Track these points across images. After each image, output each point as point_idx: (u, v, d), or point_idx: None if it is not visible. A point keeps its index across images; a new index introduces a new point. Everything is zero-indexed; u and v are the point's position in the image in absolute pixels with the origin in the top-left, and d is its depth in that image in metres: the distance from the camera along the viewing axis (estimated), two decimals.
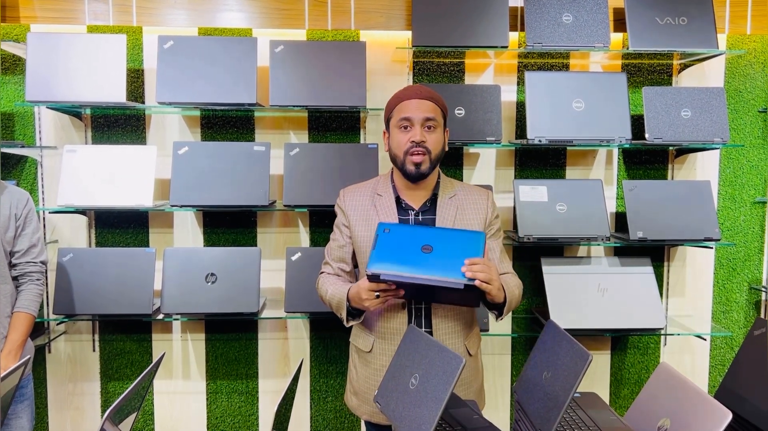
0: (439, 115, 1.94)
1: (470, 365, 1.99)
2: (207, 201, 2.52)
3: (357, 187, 2.07)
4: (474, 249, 1.75)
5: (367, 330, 2.00)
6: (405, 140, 1.90)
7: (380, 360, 1.95)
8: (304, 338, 2.84)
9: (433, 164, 1.92)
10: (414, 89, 1.95)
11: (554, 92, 2.60)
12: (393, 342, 1.92)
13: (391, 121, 1.96)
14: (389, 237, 1.78)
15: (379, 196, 2.00)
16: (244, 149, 2.56)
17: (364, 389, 2.00)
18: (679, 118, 2.62)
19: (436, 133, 1.92)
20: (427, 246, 1.75)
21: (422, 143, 1.89)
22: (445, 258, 1.74)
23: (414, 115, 1.90)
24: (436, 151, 1.92)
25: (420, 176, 1.92)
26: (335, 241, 2.05)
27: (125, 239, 2.77)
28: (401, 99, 1.94)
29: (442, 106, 1.97)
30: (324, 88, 2.54)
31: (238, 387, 2.84)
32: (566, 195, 2.64)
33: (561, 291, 2.66)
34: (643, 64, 2.83)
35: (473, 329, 2.05)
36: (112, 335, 2.80)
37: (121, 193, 2.51)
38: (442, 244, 1.76)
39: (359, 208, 2.00)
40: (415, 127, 1.90)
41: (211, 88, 2.51)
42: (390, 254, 1.76)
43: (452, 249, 1.75)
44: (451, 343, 1.95)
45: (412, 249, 1.76)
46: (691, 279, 2.91)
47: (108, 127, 2.73)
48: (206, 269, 2.54)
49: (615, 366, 2.92)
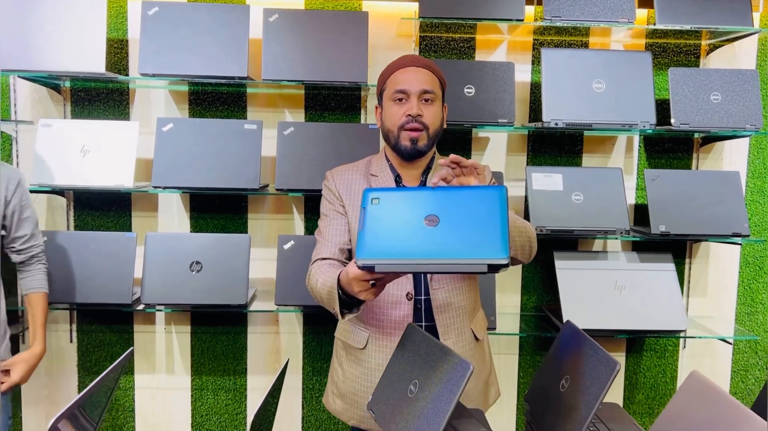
0: (437, 87, 1.74)
1: (477, 352, 1.79)
2: (192, 183, 2.32)
3: (345, 167, 1.86)
4: (493, 210, 1.32)
5: (360, 324, 1.78)
6: (400, 114, 1.70)
7: (375, 358, 1.74)
8: (296, 333, 2.65)
9: (431, 141, 1.73)
10: (410, 58, 1.75)
11: (573, 71, 2.38)
12: (393, 339, 1.72)
13: (385, 93, 1.76)
14: (380, 211, 1.37)
15: (374, 176, 1.80)
16: (234, 127, 2.36)
17: (352, 391, 1.79)
18: (708, 102, 2.41)
19: (434, 107, 1.73)
20: (432, 218, 1.33)
21: (419, 117, 1.69)
22: (458, 231, 1.31)
23: (410, 87, 1.70)
24: (434, 127, 1.73)
25: (417, 153, 1.72)
26: (329, 223, 1.79)
27: (106, 223, 2.57)
28: (395, 68, 1.74)
29: (441, 77, 1.77)
30: (322, 62, 2.33)
31: (225, 384, 2.65)
32: (583, 184, 2.43)
33: (574, 288, 2.45)
34: (668, 44, 2.61)
35: (477, 310, 1.85)
36: (91, 325, 2.60)
37: (99, 172, 2.31)
38: (451, 211, 1.34)
39: (354, 190, 1.78)
40: (411, 100, 1.70)
41: (199, 60, 2.30)
42: (384, 235, 1.33)
43: (465, 216, 1.33)
44: (457, 329, 1.74)
45: (413, 224, 1.33)
46: (715, 277, 2.71)
47: (89, 101, 2.53)
48: (191, 257, 2.34)
49: (630, 369, 2.72)
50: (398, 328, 1.71)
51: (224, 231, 2.59)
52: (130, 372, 2.62)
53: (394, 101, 1.72)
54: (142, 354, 2.62)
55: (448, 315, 1.74)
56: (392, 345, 1.70)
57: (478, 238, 1.29)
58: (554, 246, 2.54)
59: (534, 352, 2.69)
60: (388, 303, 1.72)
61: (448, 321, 1.73)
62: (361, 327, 1.77)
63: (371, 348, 1.75)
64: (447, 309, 1.73)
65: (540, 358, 2.69)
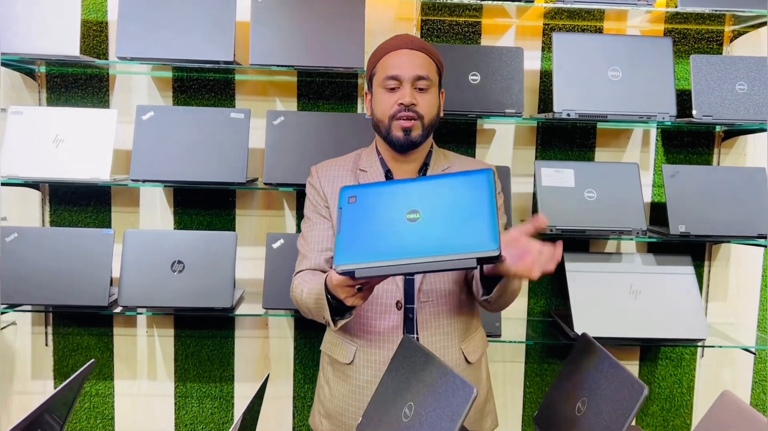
0: (433, 72, 1.57)
1: (467, 376, 1.60)
2: (173, 176, 2.14)
3: (332, 162, 1.69)
4: (479, 197, 1.21)
5: (347, 336, 1.60)
6: (391, 102, 1.53)
7: (364, 374, 1.57)
8: (287, 337, 2.47)
9: (426, 131, 1.56)
10: (402, 39, 1.58)
11: (586, 58, 2.20)
12: (381, 352, 1.55)
13: (375, 78, 1.58)
14: (357, 210, 1.27)
15: (363, 171, 1.63)
16: (220, 116, 2.18)
17: (339, 411, 1.61)
18: (733, 92, 2.22)
19: (430, 94, 1.55)
20: (414, 212, 1.23)
21: (412, 106, 1.52)
22: (442, 224, 1.20)
23: (403, 72, 1.52)
24: (429, 116, 1.56)
25: (410, 145, 1.55)
26: (312, 227, 1.63)
27: (84, 218, 2.40)
28: (386, 51, 1.57)
29: (438, 60, 1.60)
30: (314, 47, 2.15)
31: (210, 391, 2.48)
32: (596, 180, 2.25)
33: (586, 293, 2.27)
34: (689, 30, 2.42)
35: (474, 329, 1.65)
36: (68, 328, 2.43)
37: (73, 163, 2.14)
38: (434, 203, 1.23)
39: (338, 185, 1.60)
40: (403, 87, 1.53)
41: (181, 43, 2.12)
42: (362, 236, 1.23)
43: (448, 207, 1.22)
44: (442, 347, 1.56)
45: (393, 221, 1.22)
46: (736, 281, 2.52)
47: (65, 88, 2.36)
48: (172, 256, 2.17)
49: (643, 379, 2.53)
50: (387, 341, 1.54)
51: (210, 228, 2.42)
52: (110, 377, 2.45)
53: (385, 88, 1.54)
54: (123, 358, 2.46)
55: (431, 332, 1.56)
56: (381, 360, 1.54)
57: (464, 230, 1.19)
58: (565, 247, 2.35)
59: (542, 360, 2.51)
60: (376, 313, 1.55)
61: (432, 339, 1.56)
62: (348, 339, 1.60)
63: (359, 362, 1.58)
64: (432, 325, 1.56)
65: (548, 367, 2.52)
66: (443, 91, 1.64)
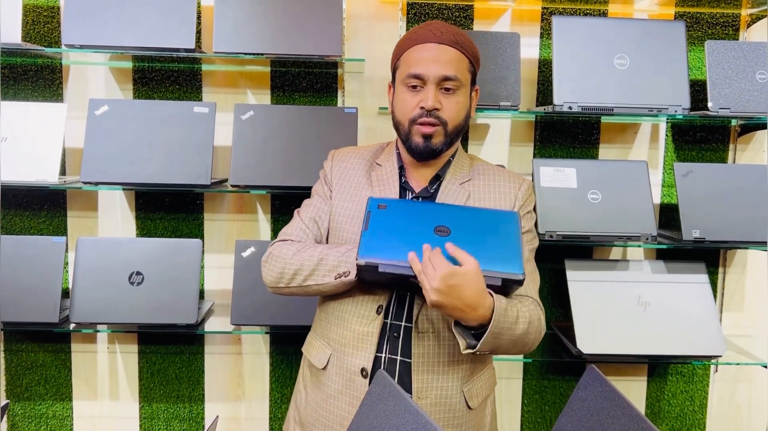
0: (464, 70, 1.35)
1: (466, 423, 1.38)
2: (130, 177, 1.92)
3: (352, 150, 1.51)
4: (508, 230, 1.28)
5: (323, 338, 1.43)
6: (413, 104, 1.33)
7: (335, 382, 1.37)
8: (262, 353, 2.25)
9: (449, 139, 1.36)
10: (433, 27, 1.35)
11: (590, 44, 1.98)
12: (352, 360, 1.35)
13: (397, 73, 1.38)
14: (387, 216, 1.29)
15: (378, 165, 1.44)
16: (182, 110, 1.96)
17: (312, 420, 1.42)
18: (754, 82, 2.00)
19: (458, 97, 1.34)
20: (442, 228, 1.27)
21: (435, 111, 1.32)
22: (471, 243, 1.23)
23: (427, 71, 1.31)
24: (454, 122, 1.35)
25: (430, 153, 1.36)
26: (311, 203, 1.49)
27: (37, 224, 2.18)
28: (412, 42, 1.35)
29: (472, 55, 1.38)
30: (286, 33, 1.93)
31: (178, 412, 2.27)
32: (601, 180, 2.03)
33: (590, 304, 2.06)
34: (702, 14, 2.20)
35: (481, 366, 1.42)
36: (21, 344, 2.22)
37: (18, 164, 1.92)
38: (463, 226, 1.27)
39: (349, 176, 1.45)
40: (427, 88, 1.32)
41: (138, 29, 1.90)
42: (389, 237, 1.25)
43: (478, 232, 1.27)
44: (439, 385, 1.34)
45: (421, 231, 1.26)
46: (753, 290, 2.31)
47: (14, 80, 2.13)
48: (130, 266, 1.95)
49: (652, 396, 2.32)
50: (359, 349, 1.34)
51: (176, 234, 2.20)
52: (68, 398, 2.24)
53: (407, 87, 1.34)
54: (82, 377, 2.24)
55: (427, 377, 1.33)
56: (352, 369, 1.35)
57: (493, 252, 1.25)
58: (566, 254, 2.14)
59: (541, 377, 2.30)
60: (354, 315, 1.36)
61: (425, 384, 1.33)
62: (325, 342, 1.42)
63: (331, 370, 1.39)
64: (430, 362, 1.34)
65: (548, 383, 2.30)
66: (477, 88, 1.43)
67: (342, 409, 1.35)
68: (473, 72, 1.39)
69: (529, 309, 1.29)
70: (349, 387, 1.34)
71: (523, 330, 1.25)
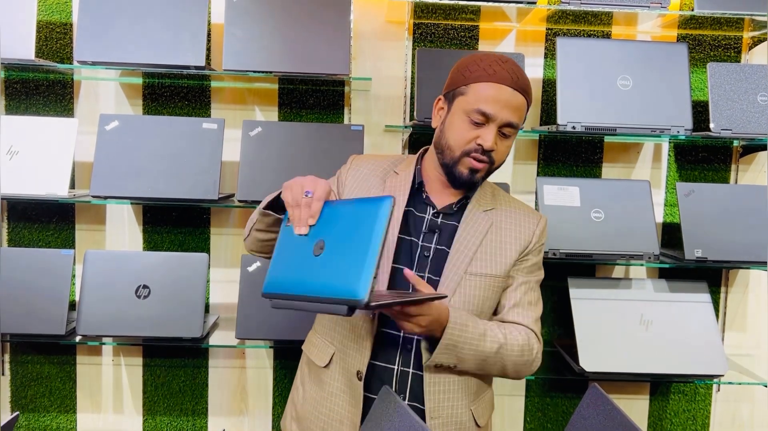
0: (523, 117, 1.39)
1: None
2: (139, 192, 1.95)
3: (372, 158, 1.53)
4: (365, 231, 1.06)
5: (327, 337, 1.45)
6: (470, 137, 1.34)
7: (337, 381, 1.39)
8: (266, 368, 2.27)
9: (488, 174, 1.40)
10: (508, 69, 1.34)
11: (594, 65, 2.01)
12: (351, 362, 1.37)
13: (461, 99, 1.36)
14: (288, 233, 1.20)
15: (395, 173, 1.46)
16: (191, 126, 1.99)
17: (308, 416, 1.44)
18: (755, 104, 2.03)
19: (510, 141, 1.38)
20: (320, 244, 1.12)
21: (490, 151, 1.34)
22: (333, 260, 1.09)
23: (498, 114, 1.32)
24: (499, 162, 1.39)
25: (470, 185, 1.40)
26: None
27: (45, 237, 2.20)
28: (488, 76, 1.33)
29: (530, 101, 1.40)
30: (294, 52, 1.96)
31: (182, 426, 2.27)
32: (604, 199, 2.05)
33: (593, 322, 2.07)
34: (704, 36, 2.23)
35: (485, 387, 1.46)
36: (27, 356, 2.23)
37: (28, 177, 1.95)
38: (336, 235, 1.11)
39: (363, 181, 1.46)
40: (489, 127, 1.33)
41: (148, 46, 1.93)
42: (288, 260, 1.16)
43: (344, 241, 1.09)
44: (449, 405, 1.36)
45: (305, 251, 1.14)
46: (755, 309, 2.32)
47: (26, 95, 2.16)
48: (137, 279, 1.97)
49: (654, 415, 2.33)
50: (360, 348, 1.36)
51: (182, 248, 2.22)
52: (72, 410, 2.25)
53: (471, 119, 1.34)
54: (86, 390, 2.25)
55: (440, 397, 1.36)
56: (351, 370, 1.37)
57: (343, 271, 1.05)
58: (569, 272, 2.16)
59: (543, 394, 2.31)
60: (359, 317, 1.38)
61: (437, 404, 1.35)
62: (328, 341, 1.44)
63: (334, 368, 1.41)
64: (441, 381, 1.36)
65: (550, 401, 2.31)
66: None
67: (342, 407, 1.38)
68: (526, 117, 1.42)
69: (512, 334, 1.35)
70: (350, 387, 1.37)
71: (492, 349, 1.31)
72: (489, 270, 1.37)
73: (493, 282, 1.37)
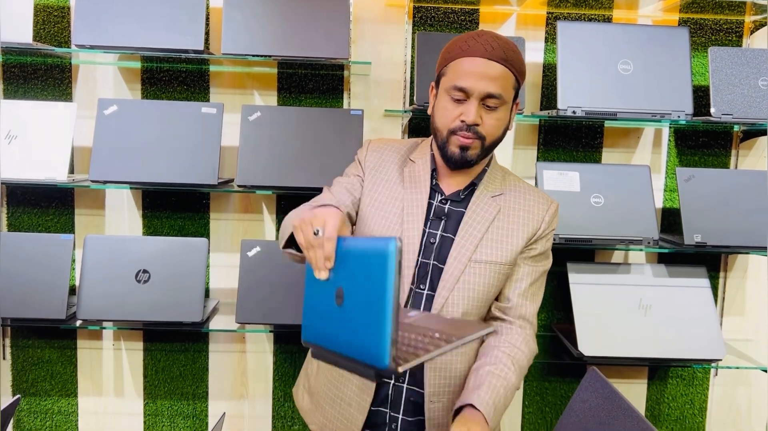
0: (508, 88, 1.33)
1: None
2: (138, 177, 1.94)
3: (388, 143, 1.52)
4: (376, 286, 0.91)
5: None
6: (454, 115, 1.33)
7: None
8: (266, 352, 2.28)
9: (484, 151, 1.37)
10: (484, 41, 1.32)
11: (594, 49, 2.00)
12: None
13: (443, 79, 1.35)
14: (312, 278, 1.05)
15: (411, 161, 1.45)
16: (190, 111, 1.98)
17: (322, 391, 1.47)
18: (756, 88, 2.02)
19: (498, 114, 1.33)
20: (339, 293, 0.99)
21: (475, 126, 1.32)
22: (353, 315, 0.96)
23: (472, 86, 1.29)
24: (492, 137, 1.35)
25: (464, 164, 1.37)
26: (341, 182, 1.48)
27: (44, 222, 2.20)
28: (461, 52, 1.32)
29: (519, 71, 1.35)
30: (293, 35, 1.95)
31: (183, 409, 2.29)
32: (604, 184, 2.05)
33: (591, 306, 2.07)
34: (705, 20, 2.22)
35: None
36: (28, 340, 2.24)
37: (27, 162, 1.94)
38: (351, 284, 0.97)
39: (383, 167, 1.46)
40: (470, 102, 1.31)
41: (147, 30, 1.92)
42: (316, 307, 1.04)
43: (358, 292, 0.96)
44: (449, 390, 1.37)
45: (329, 296, 1.01)
46: (754, 294, 2.33)
47: (24, 79, 2.15)
48: (137, 264, 1.98)
49: (652, 398, 2.34)
50: None
51: (182, 233, 2.22)
52: (73, 394, 2.26)
53: (451, 97, 1.33)
54: (87, 373, 2.26)
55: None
56: None
57: (363, 330, 0.93)
58: (569, 257, 2.16)
59: (542, 378, 2.32)
60: None
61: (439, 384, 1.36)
62: None
63: None
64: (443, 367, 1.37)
65: (549, 385, 2.32)
66: (518, 102, 1.42)
67: (351, 391, 1.38)
68: (517, 88, 1.38)
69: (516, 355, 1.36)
70: None
71: (519, 377, 1.34)
72: (495, 257, 1.36)
73: (498, 270, 1.37)
